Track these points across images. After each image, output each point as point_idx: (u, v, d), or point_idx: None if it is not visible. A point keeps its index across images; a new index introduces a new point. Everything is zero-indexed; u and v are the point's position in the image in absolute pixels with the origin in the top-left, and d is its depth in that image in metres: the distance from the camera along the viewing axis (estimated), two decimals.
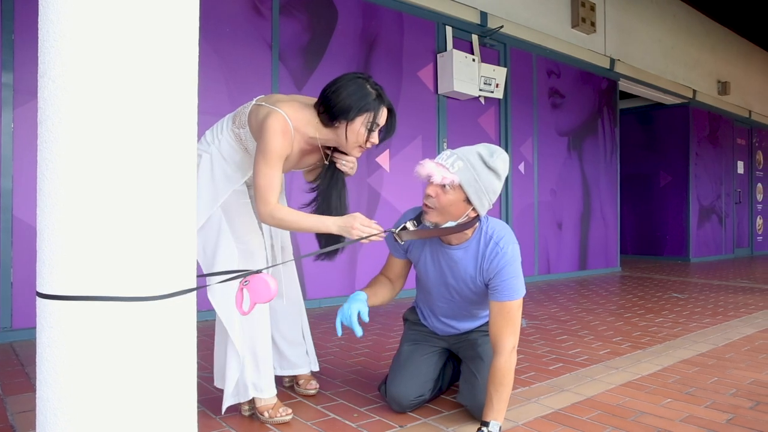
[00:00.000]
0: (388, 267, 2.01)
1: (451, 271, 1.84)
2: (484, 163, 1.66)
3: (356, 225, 1.69)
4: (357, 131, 1.77)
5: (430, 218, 1.72)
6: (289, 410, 1.88)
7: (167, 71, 1.08)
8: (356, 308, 1.76)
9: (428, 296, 1.99)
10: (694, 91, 8.41)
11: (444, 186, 1.66)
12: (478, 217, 1.74)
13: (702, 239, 8.71)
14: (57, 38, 1.03)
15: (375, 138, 1.81)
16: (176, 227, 1.10)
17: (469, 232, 1.78)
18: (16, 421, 1.85)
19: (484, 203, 1.69)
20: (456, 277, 1.84)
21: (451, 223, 1.71)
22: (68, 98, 1.02)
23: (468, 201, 1.67)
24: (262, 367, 1.88)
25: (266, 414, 1.85)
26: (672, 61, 8.03)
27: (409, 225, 1.77)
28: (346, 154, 1.90)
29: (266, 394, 1.88)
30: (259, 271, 1.36)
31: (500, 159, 1.69)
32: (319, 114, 1.80)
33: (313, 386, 2.14)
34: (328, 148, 1.92)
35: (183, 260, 1.11)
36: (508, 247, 1.75)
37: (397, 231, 1.75)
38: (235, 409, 1.96)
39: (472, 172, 1.65)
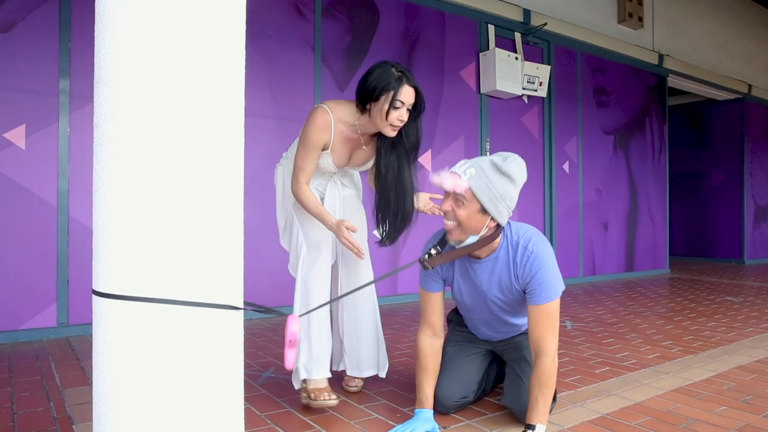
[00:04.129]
0: (430, 310, 1.87)
1: (485, 285, 1.81)
2: (497, 168, 1.63)
3: (341, 235, 1.92)
4: (381, 108, 1.91)
5: (453, 237, 1.69)
6: (335, 396, 1.92)
7: (216, 75, 1.10)
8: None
9: (468, 313, 1.98)
10: (750, 86, 8.06)
11: (458, 199, 1.63)
12: (500, 227, 1.71)
13: (758, 240, 8.33)
14: (112, 45, 1.06)
15: (403, 115, 1.92)
16: (224, 231, 1.12)
17: (495, 242, 1.75)
18: (73, 412, 1.93)
19: (501, 211, 1.65)
20: (491, 290, 1.81)
21: (473, 238, 1.68)
22: (122, 103, 1.06)
23: (484, 211, 1.64)
24: (315, 349, 1.97)
25: (312, 396, 1.90)
26: (725, 54, 7.71)
27: (433, 251, 1.76)
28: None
29: (315, 375, 1.95)
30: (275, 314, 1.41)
31: (514, 164, 1.66)
32: (357, 104, 2.00)
33: (354, 384, 2.17)
34: (374, 138, 2.09)
35: (231, 264, 1.14)
36: (537, 248, 1.72)
37: (424, 259, 1.74)
38: (276, 405, 1.99)
39: (484, 179, 1.62)
